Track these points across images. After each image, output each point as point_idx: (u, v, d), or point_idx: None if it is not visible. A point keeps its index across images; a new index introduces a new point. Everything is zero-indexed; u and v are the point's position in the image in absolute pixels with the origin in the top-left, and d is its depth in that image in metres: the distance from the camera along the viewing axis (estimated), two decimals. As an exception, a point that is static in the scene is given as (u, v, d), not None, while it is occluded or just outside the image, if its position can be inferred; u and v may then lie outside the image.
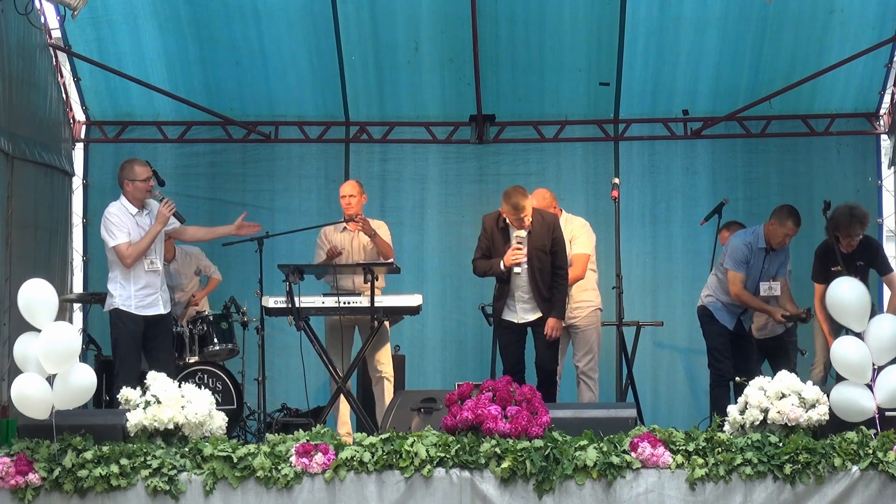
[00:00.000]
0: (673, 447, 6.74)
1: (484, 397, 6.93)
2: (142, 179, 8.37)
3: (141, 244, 8.28)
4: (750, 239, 8.91)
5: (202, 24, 10.37)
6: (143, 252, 8.27)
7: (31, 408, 6.84)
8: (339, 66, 10.69)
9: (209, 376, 9.37)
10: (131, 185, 8.37)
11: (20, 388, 6.81)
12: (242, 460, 6.77)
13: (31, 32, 9.60)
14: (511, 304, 8.53)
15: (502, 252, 8.44)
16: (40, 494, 6.79)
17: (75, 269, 10.82)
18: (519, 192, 8.44)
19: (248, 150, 11.21)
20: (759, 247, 8.88)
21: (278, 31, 10.41)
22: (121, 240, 8.25)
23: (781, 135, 10.92)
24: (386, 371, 9.23)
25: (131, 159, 8.61)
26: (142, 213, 8.41)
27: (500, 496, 6.68)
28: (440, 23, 10.34)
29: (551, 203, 9.14)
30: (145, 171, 8.42)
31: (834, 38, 10.20)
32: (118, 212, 8.34)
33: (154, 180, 8.53)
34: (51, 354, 6.78)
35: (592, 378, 9.16)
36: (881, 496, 6.61)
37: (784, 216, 8.87)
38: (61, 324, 6.99)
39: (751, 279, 8.93)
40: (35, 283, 7.00)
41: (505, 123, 11.01)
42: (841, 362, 6.89)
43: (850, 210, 9.03)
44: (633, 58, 10.50)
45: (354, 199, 9.36)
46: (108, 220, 8.30)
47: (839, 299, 7.00)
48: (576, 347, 9.19)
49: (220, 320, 9.65)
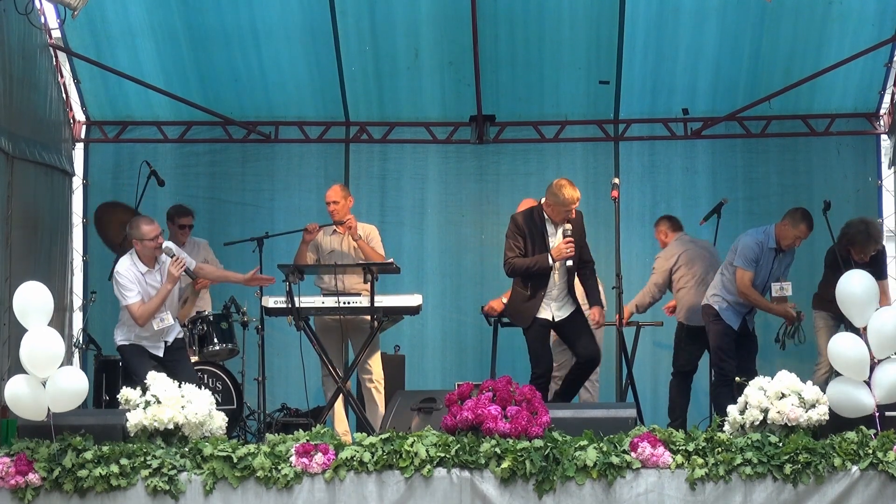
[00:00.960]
0: (673, 447, 6.74)
1: (484, 397, 6.93)
2: (150, 239, 8.15)
3: (151, 305, 8.14)
4: (762, 238, 8.93)
5: (200, 45, 10.41)
6: (154, 312, 8.14)
7: (24, 409, 6.86)
8: (338, 75, 10.71)
9: (209, 376, 9.37)
10: (140, 245, 8.19)
11: (13, 390, 6.83)
12: (242, 460, 6.77)
13: (32, 32, 9.60)
14: (548, 303, 8.45)
15: (541, 248, 8.39)
16: (40, 494, 6.79)
17: (75, 269, 10.82)
18: (571, 184, 8.39)
19: (247, 150, 11.21)
20: (769, 246, 8.92)
21: (277, 47, 10.44)
22: (132, 300, 8.12)
23: (781, 135, 10.92)
24: (375, 374, 9.23)
25: (139, 217, 8.41)
26: (153, 270, 8.24)
27: (500, 496, 6.68)
28: (440, 27, 10.34)
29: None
30: (153, 230, 8.17)
31: (833, 38, 10.18)
32: (126, 271, 8.17)
33: (163, 237, 8.33)
34: (34, 359, 6.81)
35: (591, 380, 9.17)
36: (881, 496, 6.61)
37: (798, 219, 8.87)
38: (44, 329, 6.94)
39: (760, 278, 8.96)
40: (31, 286, 7.01)
41: (505, 123, 11.01)
42: (838, 359, 6.89)
43: (868, 228, 9.10)
44: (632, 54, 10.49)
45: (339, 205, 9.39)
46: (118, 280, 8.17)
47: (848, 291, 6.99)
48: None
49: (220, 320, 9.65)
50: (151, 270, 8.24)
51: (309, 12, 10.25)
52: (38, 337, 6.86)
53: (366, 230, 9.50)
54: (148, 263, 8.22)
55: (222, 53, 10.50)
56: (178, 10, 10.18)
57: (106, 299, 10.01)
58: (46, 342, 6.86)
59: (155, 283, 8.22)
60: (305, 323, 8.63)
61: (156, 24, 10.26)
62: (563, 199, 8.30)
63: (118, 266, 8.24)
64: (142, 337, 8.27)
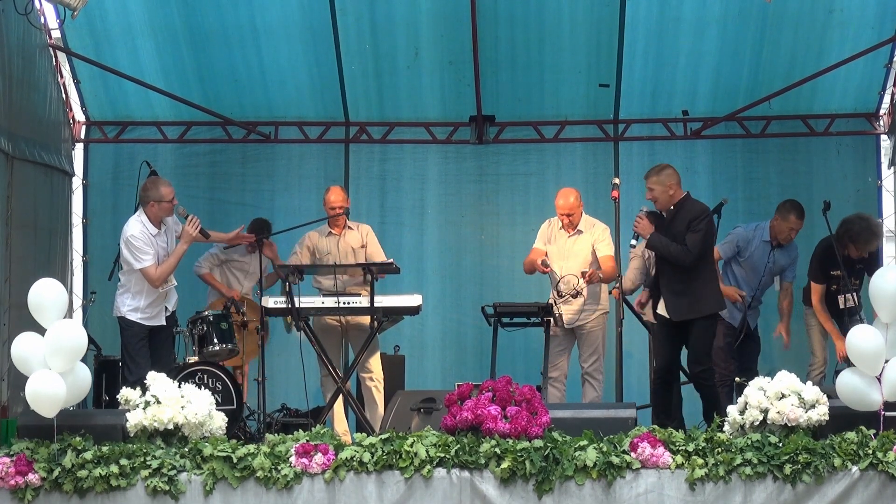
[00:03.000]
0: (673, 447, 6.74)
1: (483, 397, 6.93)
2: (168, 201, 8.36)
3: (168, 266, 8.32)
4: (751, 230, 9.06)
5: (199, 45, 10.41)
6: (170, 272, 8.33)
7: (43, 405, 6.81)
8: (338, 74, 10.71)
9: (209, 376, 9.36)
10: (157, 206, 8.35)
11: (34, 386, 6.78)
12: (242, 460, 6.77)
13: (31, 33, 9.60)
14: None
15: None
16: (40, 495, 6.79)
17: (75, 269, 10.82)
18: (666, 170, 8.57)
19: (247, 151, 11.21)
20: (763, 240, 8.97)
21: (277, 47, 10.44)
22: (148, 263, 8.25)
23: (781, 135, 10.92)
24: (375, 374, 9.23)
25: (156, 179, 8.59)
26: (161, 232, 8.40)
27: (500, 496, 6.68)
28: (440, 27, 10.35)
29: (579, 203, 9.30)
30: (171, 192, 8.40)
31: (833, 38, 10.20)
32: (141, 234, 8.30)
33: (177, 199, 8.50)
34: (59, 352, 6.78)
35: (597, 378, 9.21)
36: (881, 496, 6.61)
37: (786, 210, 8.99)
38: (67, 322, 6.98)
39: (755, 272, 9.04)
40: (47, 283, 7.02)
41: (505, 124, 11.01)
42: (854, 350, 6.86)
43: (869, 225, 9.12)
44: (632, 58, 10.50)
45: (345, 208, 9.41)
46: (132, 244, 8.26)
47: (882, 288, 6.91)
48: (582, 348, 9.24)
49: (220, 320, 9.64)
50: (159, 232, 8.39)
51: (309, 12, 10.26)
52: (63, 330, 6.83)
53: (362, 230, 9.50)
54: (157, 225, 8.37)
55: (222, 53, 10.51)
56: (177, 9, 10.19)
57: (106, 300, 10.00)
58: (72, 334, 6.85)
59: (163, 244, 8.39)
60: (305, 323, 8.64)
61: (155, 24, 10.26)
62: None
63: (130, 230, 8.32)
64: (145, 307, 8.30)
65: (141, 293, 8.31)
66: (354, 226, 9.54)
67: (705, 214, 8.40)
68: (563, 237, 9.27)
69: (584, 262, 9.20)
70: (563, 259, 9.23)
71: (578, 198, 9.28)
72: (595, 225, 9.32)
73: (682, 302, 8.37)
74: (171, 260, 8.35)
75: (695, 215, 8.35)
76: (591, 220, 9.36)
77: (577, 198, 9.27)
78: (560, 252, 9.26)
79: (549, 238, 9.34)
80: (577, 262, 9.19)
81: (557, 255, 9.26)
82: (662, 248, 8.36)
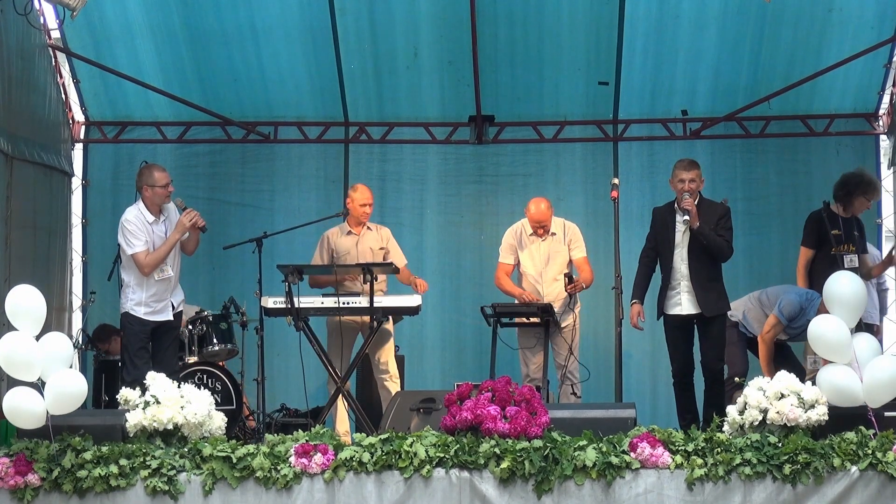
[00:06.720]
0: (672, 447, 6.74)
1: (483, 397, 6.93)
2: (161, 185, 8.30)
3: (158, 254, 8.24)
4: (804, 303, 8.96)
5: (199, 45, 10.41)
6: (160, 261, 8.23)
7: (23, 420, 6.84)
8: (338, 74, 10.71)
9: (209, 377, 9.37)
10: (150, 191, 8.30)
11: (12, 401, 6.81)
12: (242, 460, 6.77)
13: (31, 33, 9.61)
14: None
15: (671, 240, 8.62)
16: (39, 495, 6.79)
17: (74, 269, 10.82)
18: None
19: (247, 151, 11.22)
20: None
21: (277, 47, 10.44)
22: (139, 248, 8.20)
23: (780, 135, 10.93)
24: (392, 372, 9.24)
25: (150, 164, 8.53)
26: (159, 221, 8.35)
27: (500, 496, 6.68)
28: (439, 27, 10.36)
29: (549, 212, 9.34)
30: (165, 177, 8.33)
31: (833, 38, 10.20)
32: (135, 219, 8.26)
33: (173, 186, 8.45)
34: (59, 398, 6.83)
35: (576, 376, 9.28)
36: (880, 496, 6.61)
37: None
38: (67, 372, 6.96)
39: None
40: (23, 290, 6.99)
41: (504, 124, 11.02)
42: (818, 342, 6.90)
43: (864, 174, 9.33)
44: (631, 57, 10.51)
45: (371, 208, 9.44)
46: (126, 227, 8.24)
47: (837, 292, 6.95)
48: (558, 347, 9.30)
49: (220, 320, 9.65)
50: (157, 221, 8.34)
51: (308, 12, 10.26)
52: (63, 379, 6.87)
53: (382, 233, 9.51)
54: (154, 213, 8.33)
55: (221, 53, 10.51)
56: (177, 9, 10.19)
57: (105, 300, 10.03)
58: (72, 383, 6.88)
59: (160, 233, 8.32)
60: (305, 323, 8.64)
61: (155, 24, 10.26)
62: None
63: (127, 214, 8.31)
64: (148, 299, 8.27)
65: (141, 285, 8.27)
66: (374, 227, 9.53)
67: (729, 213, 8.67)
68: (535, 241, 9.33)
69: (563, 264, 9.28)
70: (541, 264, 9.30)
71: (549, 205, 9.37)
72: (566, 224, 9.40)
73: (712, 297, 8.51)
74: (162, 248, 8.25)
75: (722, 213, 8.61)
76: (560, 219, 9.44)
77: (549, 205, 9.36)
78: (535, 257, 9.33)
79: (520, 245, 9.39)
80: (555, 266, 9.31)
81: (532, 261, 9.33)
82: (710, 238, 8.48)
